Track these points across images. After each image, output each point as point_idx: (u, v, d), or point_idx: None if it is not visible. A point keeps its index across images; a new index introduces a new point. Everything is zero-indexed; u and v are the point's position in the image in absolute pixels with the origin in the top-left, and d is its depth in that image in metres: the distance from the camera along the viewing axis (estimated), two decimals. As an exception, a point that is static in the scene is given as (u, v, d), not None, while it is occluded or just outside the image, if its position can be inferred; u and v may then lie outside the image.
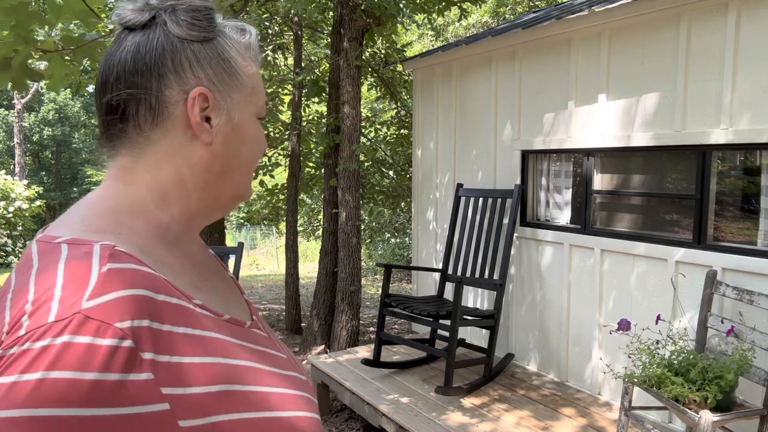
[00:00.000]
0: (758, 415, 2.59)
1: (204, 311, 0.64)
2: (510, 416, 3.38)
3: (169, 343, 0.56)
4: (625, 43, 3.43)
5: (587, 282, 3.72)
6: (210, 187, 0.71)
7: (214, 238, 6.63)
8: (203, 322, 0.62)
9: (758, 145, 2.89)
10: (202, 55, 0.68)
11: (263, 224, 17.96)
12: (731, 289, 2.87)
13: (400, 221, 11.47)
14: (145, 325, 0.54)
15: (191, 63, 0.67)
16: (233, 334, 0.66)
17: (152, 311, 0.56)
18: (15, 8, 1.77)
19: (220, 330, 0.64)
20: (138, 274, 0.57)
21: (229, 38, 0.71)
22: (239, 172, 0.73)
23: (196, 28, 0.68)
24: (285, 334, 6.76)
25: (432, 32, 13.85)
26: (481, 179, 4.55)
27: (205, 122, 0.68)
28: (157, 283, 0.58)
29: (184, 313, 0.60)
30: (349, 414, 4.31)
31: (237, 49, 0.71)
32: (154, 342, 0.55)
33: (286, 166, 7.34)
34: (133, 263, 0.58)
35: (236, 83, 0.70)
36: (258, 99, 0.74)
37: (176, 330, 0.58)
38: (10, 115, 22.28)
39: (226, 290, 0.76)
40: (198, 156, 0.69)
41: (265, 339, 0.74)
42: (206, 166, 0.69)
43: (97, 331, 0.51)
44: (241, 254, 4.23)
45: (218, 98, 0.69)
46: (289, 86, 7.36)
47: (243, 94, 0.71)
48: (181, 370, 0.56)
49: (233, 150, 0.71)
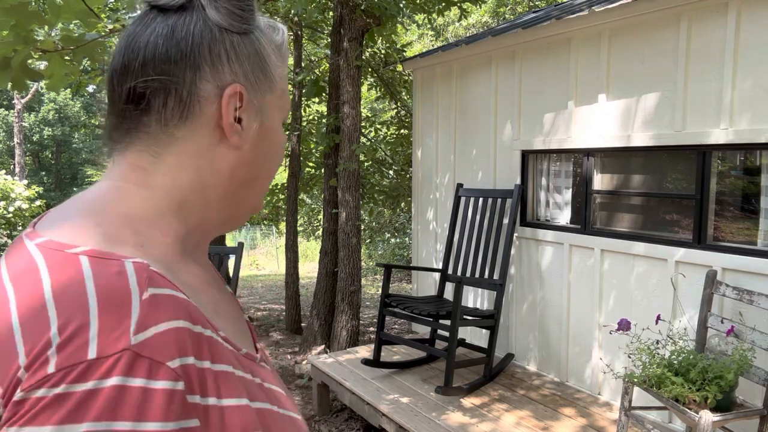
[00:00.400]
0: (758, 415, 2.59)
1: (228, 345, 0.55)
2: (510, 416, 3.38)
3: (210, 383, 0.49)
4: (625, 43, 3.43)
5: (587, 282, 3.72)
6: (231, 196, 0.63)
7: (214, 238, 6.63)
8: (229, 356, 0.54)
9: (758, 145, 2.89)
10: (240, 48, 0.60)
11: (263, 224, 17.96)
12: (731, 289, 2.87)
13: (400, 221, 11.47)
14: (191, 363, 0.47)
15: (229, 56, 0.59)
16: (250, 371, 0.58)
17: (195, 346, 0.48)
18: (15, 8, 1.77)
19: (240, 366, 0.56)
20: (178, 302, 0.49)
21: (264, 34, 0.63)
22: (261, 183, 0.66)
23: (237, 18, 0.60)
24: (285, 334, 6.76)
25: (432, 32, 13.85)
26: (481, 179, 4.55)
27: (237, 124, 0.60)
28: (193, 312, 0.50)
29: (217, 347, 0.52)
30: (349, 414, 4.31)
31: (271, 48, 0.64)
32: (200, 382, 0.48)
33: (286, 166, 7.34)
34: (171, 288, 0.49)
35: (270, 84, 0.63)
36: (286, 104, 0.67)
37: (214, 368, 0.50)
38: (10, 115, 22.28)
39: (236, 315, 0.67)
40: (225, 161, 0.61)
41: (271, 375, 0.65)
42: (231, 172, 0.61)
43: (149, 372, 0.43)
44: (241, 254, 4.23)
45: (252, 98, 0.61)
46: (289, 86, 7.37)
47: (275, 96, 0.64)
48: (222, 415, 0.49)
49: (261, 157, 0.64)
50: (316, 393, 4.35)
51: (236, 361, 0.55)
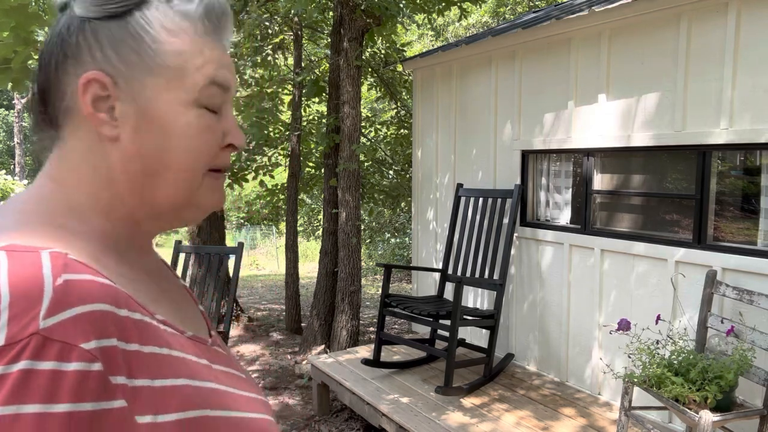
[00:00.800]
0: (758, 415, 2.59)
1: (167, 328, 0.56)
2: (510, 416, 3.38)
3: (138, 364, 0.50)
4: (625, 43, 3.43)
5: (587, 282, 3.72)
6: (138, 193, 0.60)
7: (214, 238, 6.63)
8: (168, 339, 0.55)
9: (758, 145, 2.89)
10: (104, 33, 0.57)
11: (263, 224, 17.97)
12: (731, 289, 2.87)
13: (400, 221, 11.47)
14: (113, 345, 0.47)
15: (90, 44, 0.57)
16: (197, 352, 0.59)
17: (118, 328, 0.49)
18: (15, 9, 1.77)
19: (184, 348, 0.57)
20: (98, 285, 0.49)
21: (161, 9, 0.59)
22: (172, 175, 0.60)
23: (101, 3, 0.58)
24: (285, 334, 6.76)
25: (432, 32, 13.85)
26: (481, 179, 4.55)
27: (104, 113, 0.57)
28: (118, 296, 0.50)
29: (149, 330, 0.53)
30: (349, 414, 4.31)
31: (165, 22, 0.59)
32: (125, 364, 0.48)
33: (286, 166, 7.34)
34: (90, 274, 0.50)
35: (149, 64, 0.58)
36: (192, 81, 0.59)
37: (144, 350, 0.51)
38: (10, 115, 22.27)
39: (185, 303, 0.68)
40: (114, 155, 0.58)
41: (225, 358, 0.67)
42: (123, 167, 0.59)
43: (60, 355, 0.44)
44: (241, 254, 4.23)
45: (122, 84, 0.57)
46: (289, 86, 7.37)
47: (162, 77, 0.58)
48: (154, 396, 0.50)
49: (152, 147, 0.59)
50: (316, 393, 4.35)
51: (177, 343, 0.56)
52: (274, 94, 7.21)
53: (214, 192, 0.64)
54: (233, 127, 0.63)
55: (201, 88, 0.59)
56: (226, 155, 0.64)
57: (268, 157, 7.15)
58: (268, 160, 7.14)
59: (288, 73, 8.10)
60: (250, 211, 17.33)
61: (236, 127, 0.64)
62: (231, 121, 0.64)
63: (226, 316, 4.29)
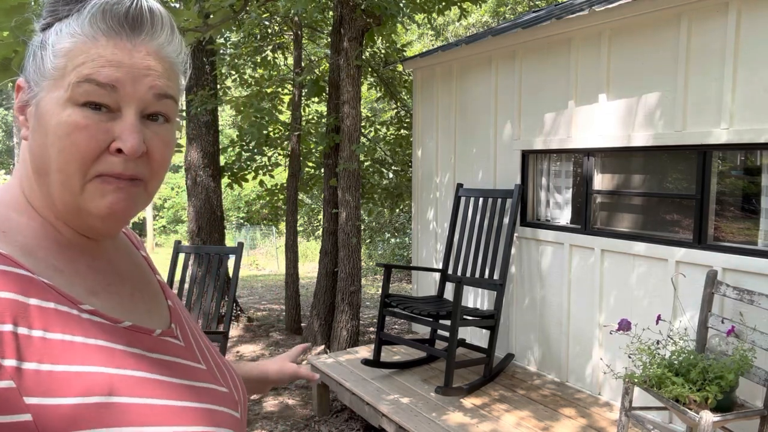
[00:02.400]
0: (759, 415, 2.59)
1: (94, 317, 0.59)
2: (510, 416, 3.38)
3: (41, 349, 0.53)
4: (625, 42, 3.42)
5: (587, 282, 3.72)
6: (44, 192, 0.63)
7: (214, 238, 6.63)
8: (88, 329, 0.58)
9: (758, 145, 2.89)
10: (31, 44, 0.63)
11: (263, 224, 17.96)
12: (732, 289, 2.87)
13: (400, 221, 11.47)
14: (8, 330, 0.51)
15: (27, 54, 0.64)
16: (131, 342, 0.62)
17: (18, 315, 0.52)
18: (15, 9, 1.76)
19: (112, 338, 0.60)
20: (7, 276, 0.54)
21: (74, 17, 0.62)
22: (53, 176, 0.60)
23: (43, 17, 0.63)
24: (285, 334, 6.75)
25: (432, 32, 13.84)
26: (482, 179, 4.54)
27: (23, 116, 0.63)
28: (29, 286, 0.55)
29: (63, 318, 0.56)
30: (349, 414, 4.31)
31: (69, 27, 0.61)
32: (19, 348, 0.51)
33: (286, 166, 7.33)
34: (6, 264, 0.55)
35: (46, 67, 0.61)
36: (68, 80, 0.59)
37: (50, 336, 0.54)
38: (10, 115, 22.26)
39: (137, 297, 0.70)
40: (28, 154, 0.63)
41: (179, 348, 0.69)
42: (30, 165, 0.63)
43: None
44: (241, 254, 4.23)
45: (33, 88, 0.62)
46: (289, 86, 7.36)
47: (51, 78, 0.60)
48: (52, 380, 0.52)
49: (38, 147, 0.61)
50: (316, 393, 4.35)
51: (103, 333, 0.59)
52: (274, 94, 7.21)
53: (103, 197, 0.61)
54: (125, 131, 0.60)
55: (73, 84, 0.59)
56: (114, 161, 0.61)
57: (268, 157, 7.15)
58: (268, 160, 7.14)
59: (288, 73, 8.10)
60: (250, 211, 17.33)
61: (130, 131, 0.60)
62: (125, 125, 0.61)
63: (226, 316, 4.29)
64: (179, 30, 0.68)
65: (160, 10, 0.64)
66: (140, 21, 0.62)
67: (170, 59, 0.65)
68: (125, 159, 0.61)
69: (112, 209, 0.62)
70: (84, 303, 0.59)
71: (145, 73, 0.62)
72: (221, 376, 0.73)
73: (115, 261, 0.70)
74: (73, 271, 0.62)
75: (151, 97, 0.62)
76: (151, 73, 0.62)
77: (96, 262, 0.66)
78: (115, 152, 0.60)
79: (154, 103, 0.63)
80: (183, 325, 0.75)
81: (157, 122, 0.64)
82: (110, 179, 0.61)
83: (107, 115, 0.60)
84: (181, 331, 0.73)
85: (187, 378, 0.65)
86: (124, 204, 0.62)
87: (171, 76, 0.65)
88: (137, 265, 0.75)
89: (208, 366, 0.72)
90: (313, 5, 5.53)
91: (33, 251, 0.59)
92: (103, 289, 0.65)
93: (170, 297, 0.78)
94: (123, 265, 0.71)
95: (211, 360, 0.74)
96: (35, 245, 0.60)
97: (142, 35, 0.62)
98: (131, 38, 0.61)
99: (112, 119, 0.60)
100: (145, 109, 0.62)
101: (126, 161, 0.61)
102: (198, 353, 0.72)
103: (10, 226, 0.60)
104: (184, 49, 0.68)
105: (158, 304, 0.73)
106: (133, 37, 0.61)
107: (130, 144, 0.60)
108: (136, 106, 0.61)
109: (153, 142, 0.63)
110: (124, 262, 0.72)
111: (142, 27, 0.62)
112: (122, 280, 0.69)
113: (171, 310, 0.75)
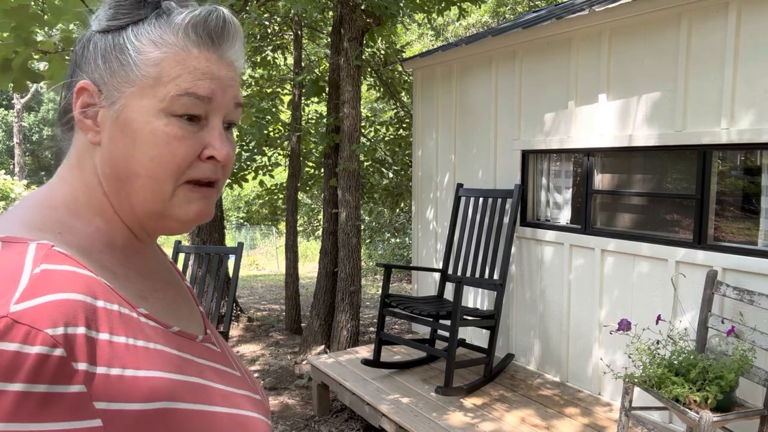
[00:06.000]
0: (758, 415, 2.59)
1: (150, 321, 0.59)
2: (510, 416, 3.38)
3: (108, 353, 0.52)
4: (625, 42, 3.43)
5: (587, 282, 3.72)
6: (116, 197, 0.63)
7: (214, 238, 6.63)
8: (148, 332, 0.58)
9: (759, 145, 2.89)
10: (100, 45, 0.62)
11: (263, 224, 17.96)
12: (732, 289, 2.87)
13: (400, 221, 11.47)
14: (81, 333, 0.50)
15: (91, 55, 0.63)
16: (181, 347, 0.62)
17: (89, 318, 0.52)
18: (15, 10, 1.76)
19: (167, 342, 0.60)
20: (75, 276, 0.53)
21: (152, 23, 0.62)
22: (140, 183, 0.61)
23: (106, 19, 0.63)
24: (285, 334, 6.76)
25: (432, 32, 13.84)
26: (482, 179, 4.54)
27: (90, 120, 0.62)
28: (96, 287, 0.54)
29: (127, 321, 0.56)
30: (349, 414, 4.31)
31: (152, 34, 0.61)
32: (90, 352, 0.51)
33: (286, 166, 7.33)
34: (71, 265, 0.54)
35: (128, 73, 0.61)
36: (164, 91, 0.60)
37: (116, 340, 0.54)
38: (10, 115, 22.27)
39: (179, 302, 0.71)
40: (97, 159, 0.63)
41: (218, 354, 0.69)
42: (102, 171, 0.63)
43: (26, 338, 0.47)
44: (241, 254, 4.23)
45: (105, 92, 0.62)
46: (289, 86, 7.36)
47: (139, 86, 0.61)
48: (120, 384, 0.52)
49: (121, 153, 0.61)
50: (316, 393, 4.35)
51: (158, 336, 0.59)
52: (274, 94, 7.21)
53: (190, 204, 0.63)
54: (215, 139, 0.63)
55: (172, 97, 0.60)
56: (205, 168, 0.63)
57: (268, 157, 7.15)
58: (268, 160, 7.14)
59: (288, 72, 8.10)
60: (250, 211, 17.33)
61: (220, 140, 0.63)
62: (215, 133, 0.63)
63: (226, 316, 4.29)
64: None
65: (234, 21, 0.65)
66: (225, 31, 0.64)
67: (240, 68, 0.68)
68: (215, 165, 0.64)
69: (199, 214, 0.65)
70: (139, 306, 0.60)
71: (230, 84, 0.64)
72: (252, 382, 0.74)
73: (158, 266, 0.71)
74: (124, 275, 0.62)
75: (232, 106, 0.65)
76: (233, 83, 0.65)
77: (143, 267, 0.67)
78: (206, 159, 0.63)
79: (233, 112, 0.66)
80: (214, 330, 0.76)
81: (229, 129, 0.67)
82: (198, 187, 0.64)
83: (198, 124, 0.63)
84: (215, 336, 0.73)
85: (229, 384, 0.66)
86: (208, 209, 0.66)
87: (239, 84, 0.67)
88: (171, 270, 0.76)
89: (241, 372, 0.72)
90: (313, 5, 5.53)
91: (88, 253, 0.59)
92: (151, 293, 0.65)
93: (198, 302, 0.79)
94: (163, 270, 0.72)
95: (240, 366, 0.74)
96: (90, 247, 0.60)
97: (225, 45, 0.64)
98: (217, 49, 0.64)
99: (202, 128, 0.63)
100: (226, 118, 0.65)
101: (215, 167, 0.64)
102: (231, 359, 0.73)
103: (63, 228, 0.60)
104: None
105: (193, 309, 0.74)
106: (219, 48, 0.64)
107: (225, 152, 0.63)
108: (222, 115, 0.64)
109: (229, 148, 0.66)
110: (163, 267, 0.73)
111: (226, 38, 0.64)
112: (166, 285, 0.70)
113: (203, 316, 0.76)
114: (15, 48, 1.85)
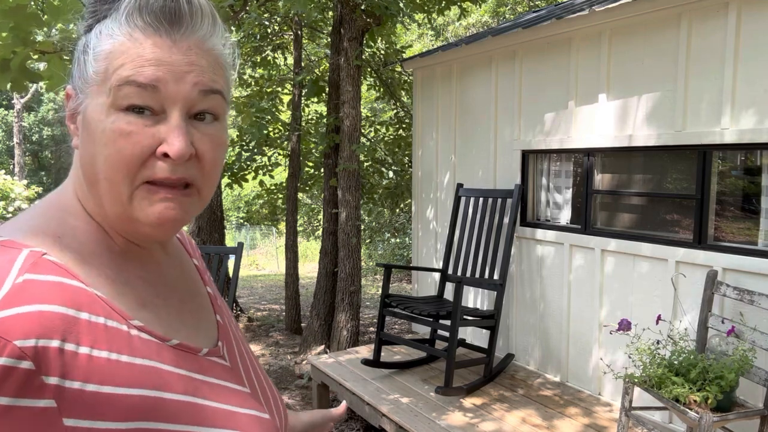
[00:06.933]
0: (759, 415, 2.59)
1: (143, 334, 0.56)
2: (511, 416, 3.37)
3: (85, 368, 0.50)
4: (625, 42, 3.42)
5: (587, 282, 3.72)
6: (94, 201, 0.60)
7: (214, 238, 6.63)
8: (136, 347, 0.55)
9: (759, 145, 2.88)
10: (78, 47, 0.60)
11: (263, 224, 17.96)
12: (732, 289, 2.86)
13: (400, 221, 11.47)
14: (54, 346, 0.48)
15: (73, 60, 0.61)
16: (177, 362, 0.59)
17: (67, 330, 0.49)
18: (14, 10, 1.76)
19: (159, 357, 0.57)
20: (59, 287, 0.51)
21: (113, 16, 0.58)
22: (101, 185, 0.58)
23: (85, 18, 0.60)
24: (285, 334, 6.76)
25: (432, 32, 13.84)
26: (482, 179, 4.54)
27: (74, 125, 0.61)
28: (82, 299, 0.52)
29: (112, 335, 0.53)
30: (350, 414, 4.31)
31: (107, 27, 0.58)
32: (64, 366, 0.48)
33: (286, 166, 7.33)
34: (59, 275, 0.52)
35: (89, 72, 0.58)
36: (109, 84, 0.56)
37: (97, 354, 0.51)
38: (10, 115, 22.27)
39: (186, 310, 0.67)
40: (78, 163, 0.61)
41: (225, 369, 0.65)
42: (81, 174, 0.61)
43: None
44: (241, 254, 4.23)
45: (79, 95, 0.60)
46: (289, 86, 7.36)
47: (94, 84, 0.57)
48: (94, 401, 0.49)
49: (88, 155, 0.58)
50: (316, 393, 4.35)
51: (150, 351, 0.56)
52: (274, 94, 7.20)
53: (152, 206, 0.58)
54: (170, 133, 0.56)
55: (113, 88, 0.56)
56: (160, 166, 0.57)
57: (268, 157, 7.14)
58: (268, 160, 7.14)
59: (288, 72, 8.10)
60: (250, 211, 17.32)
61: (176, 134, 0.57)
62: (171, 127, 0.57)
63: (226, 317, 4.27)
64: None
65: (198, 0, 0.60)
66: (178, 14, 0.58)
67: (215, 52, 0.60)
68: (172, 163, 0.57)
69: (161, 218, 0.58)
70: (133, 318, 0.57)
71: (188, 70, 0.57)
72: (264, 400, 0.69)
73: (164, 270, 0.67)
74: (123, 281, 0.59)
75: (196, 94, 0.58)
76: (194, 68, 0.58)
77: (146, 272, 0.64)
78: (162, 156, 0.57)
79: (201, 101, 0.58)
80: (230, 342, 0.71)
81: (205, 121, 0.60)
82: (157, 188, 0.58)
83: (152, 118, 0.57)
84: (228, 349, 0.69)
85: (232, 403, 0.62)
86: (173, 212, 0.59)
87: (216, 70, 0.60)
88: (188, 274, 0.72)
89: (252, 389, 0.68)
90: (312, 5, 5.53)
91: (86, 258, 0.57)
92: (152, 300, 0.62)
93: (219, 311, 0.74)
94: (173, 275, 0.68)
95: (255, 381, 0.70)
96: (89, 252, 0.58)
97: (182, 29, 0.58)
98: (170, 33, 0.57)
99: (157, 122, 0.57)
100: (191, 109, 0.58)
101: (173, 165, 0.57)
102: (243, 374, 0.69)
103: (65, 231, 0.58)
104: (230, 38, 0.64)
105: (206, 318, 0.70)
106: (173, 32, 0.57)
107: (177, 147, 0.56)
108: (181, 105, 0.57)
109: (202, 143, 0.59)
110: (175, 271, 0.69)
111: (181, 20, 0.58)
112: (171, 291, 0.66)
113: (219, 326, 0.71)
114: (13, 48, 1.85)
